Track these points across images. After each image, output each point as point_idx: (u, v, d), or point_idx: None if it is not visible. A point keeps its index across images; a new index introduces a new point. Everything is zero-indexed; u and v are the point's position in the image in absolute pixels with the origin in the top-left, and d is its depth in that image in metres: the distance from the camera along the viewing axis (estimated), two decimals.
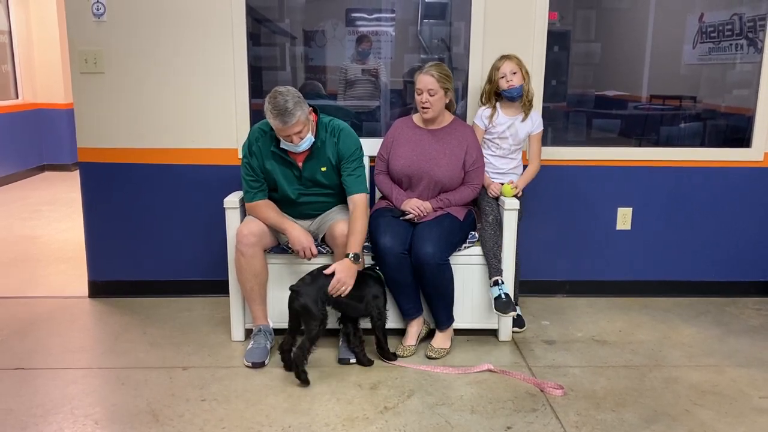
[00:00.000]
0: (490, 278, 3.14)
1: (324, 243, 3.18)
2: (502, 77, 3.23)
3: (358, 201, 2.99)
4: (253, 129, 3.09)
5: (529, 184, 3.38)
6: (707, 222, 3.85)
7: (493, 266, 3.13)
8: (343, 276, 2.80)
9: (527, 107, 3.29)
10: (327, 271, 2.81)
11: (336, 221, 3.04)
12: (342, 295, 2.82)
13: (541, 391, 2.76)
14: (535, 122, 3.33)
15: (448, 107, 3.27)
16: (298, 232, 3.00)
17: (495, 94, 3.32)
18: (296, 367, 2.77)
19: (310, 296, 2.78)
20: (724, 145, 3.95)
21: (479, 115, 3.35)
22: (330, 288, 2.79)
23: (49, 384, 2.78)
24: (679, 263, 3.90)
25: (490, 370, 2.93)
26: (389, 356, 3.00)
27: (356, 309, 2.94)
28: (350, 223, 2.96)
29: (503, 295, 3.09)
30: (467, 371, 2.91)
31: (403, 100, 3.94)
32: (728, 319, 3.61)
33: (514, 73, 3.22)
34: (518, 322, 3.40)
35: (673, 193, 3.80)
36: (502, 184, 3.29)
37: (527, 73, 3.27)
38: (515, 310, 3.09)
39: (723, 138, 4.06)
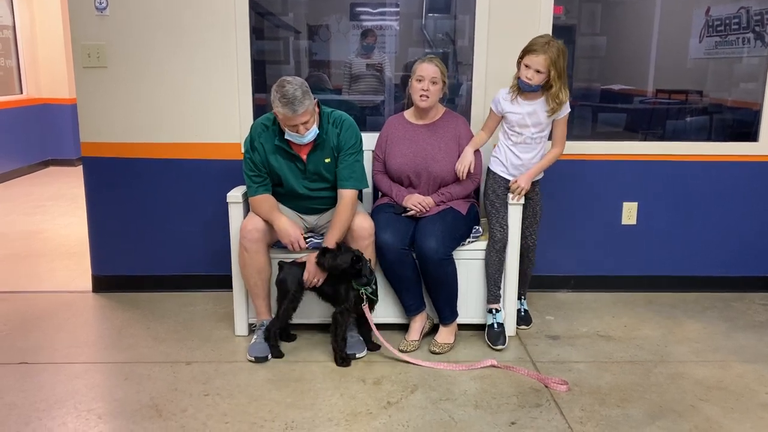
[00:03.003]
0: (487, 303, 3.18)
1: None
2: (527, 67, 2.93)
3: (346, 196, 2.99)
4: (254, 124, 3.07)
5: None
6: (713, 217, 3.83)
7: (492, 293, 3.16)
8: (312, 268, 2.91)
9: (551, 103, 2.99)
10: (299, 259, 2.98)
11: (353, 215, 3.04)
12: (316, 286, 2.95)
13: (546, 386, 2.74)
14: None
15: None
16: (285, 225, 2.98)
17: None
18: (267, 340, 2.98)
19: (290, 273, 2.96)
20: (730, 139, 3.93)
21: (497, 98, 3.10)
22: (304, 279, 2.94)
23: (53, 378, 2.78)
24: (684, 258, 3.87)
25: (493, 366, 2.91)
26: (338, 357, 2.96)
27: (332, 299, 3.01)
28: (334, 215, 2.99)
29: (496, 325, 3.12)
30: (471, 367, 2.90)
31: (408, 95, 3.93)
32: (734, 314, 3.58)
33: (539, 72, 2.91)
34: (525, 319, 3.37)
35: (679, 187, 3.78)
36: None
37: (559, 74, 2.92)
38: (504, 344, 3.09)
39: (729, 132, 4.04)
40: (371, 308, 2.96)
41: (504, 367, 2.90)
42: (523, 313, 3.36)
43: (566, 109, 3.07)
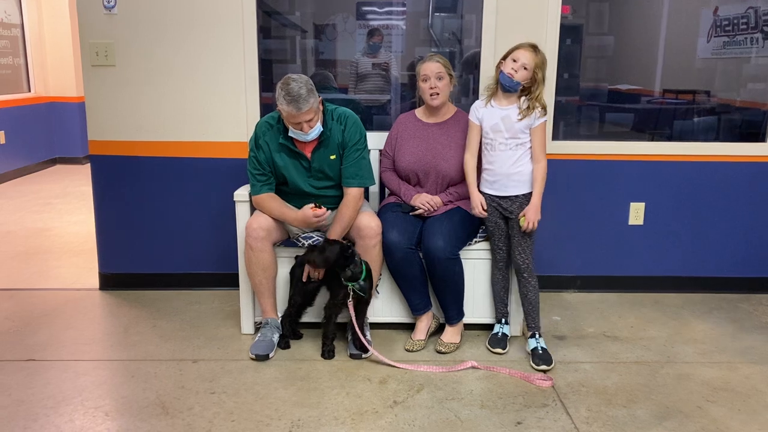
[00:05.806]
0: (495, 319, 3.21)
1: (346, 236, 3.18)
2: (515, 61, 2.85)
3: (350, 194, 3.03)
4: (259, 123, 3.08)
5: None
6: (721, 217, 3.81)
7: (499, 310, 3.17)
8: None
9: (527, 107, 2.87)
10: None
11: (360, 213, 3.04)
12: (318, 278, 2.99)
13: (530, 383, 2.75)
14: (532, 114, 2.87)
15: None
16: (298, 214, 2.99)
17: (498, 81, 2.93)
18: (282, 328, 3.08)
19: (300, 264, 3.02)
20: (738, 139, 3.91)
21: (473, 107, 3.03)
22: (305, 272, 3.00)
23: (60, 376, 2.80)
24: (691, 259, 3.86)
25: (474, 367, 2.89)
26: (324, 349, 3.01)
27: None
28: (337, 211, 3.02)
29: (500, 334, 3.13)
30: (451, 369, 2.87)
31: (414, 94, 3.92)
32: (741, 315, 3.57)
33: (526, 68, 2.83)
34: (544, 358, 2.92)
35: (687, 188, 3.76)
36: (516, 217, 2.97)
37: (541, 78, 2.87)
38: (503, 349, 3.05)
39: (737, 132, 4.02)
40: (366, 304, 3.00)
41: (484, 367, 2.88)
42: (540, 351, 2.95)
43: (542, 118, 2.89)
